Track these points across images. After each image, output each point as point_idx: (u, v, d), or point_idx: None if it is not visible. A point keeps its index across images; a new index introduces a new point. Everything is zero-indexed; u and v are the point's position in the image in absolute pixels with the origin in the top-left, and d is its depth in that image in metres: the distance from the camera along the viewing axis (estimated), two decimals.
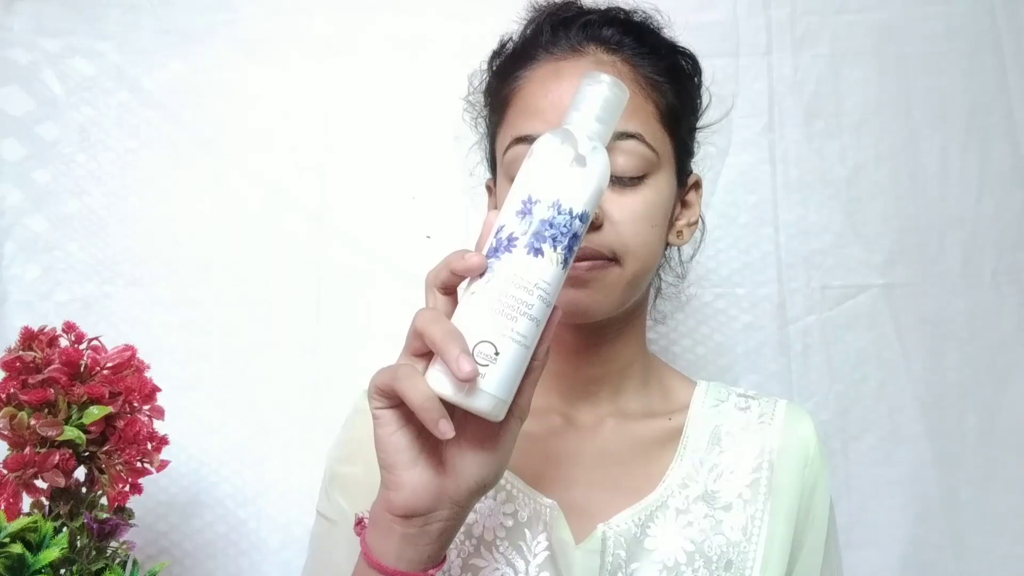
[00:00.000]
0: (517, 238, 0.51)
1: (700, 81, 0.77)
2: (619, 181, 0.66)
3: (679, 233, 0.75)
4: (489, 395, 0.50)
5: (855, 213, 1.03)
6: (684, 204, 0.75)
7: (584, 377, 0.75)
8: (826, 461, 0.75)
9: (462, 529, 0.68)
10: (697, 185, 0.77)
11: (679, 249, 0.84)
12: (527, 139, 0.67)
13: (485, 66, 0.78)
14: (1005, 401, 1.01)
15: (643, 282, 0.71)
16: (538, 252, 0.51)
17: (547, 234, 0.51)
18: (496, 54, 0.78)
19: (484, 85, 0.78)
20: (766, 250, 1.03)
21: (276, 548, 0.97)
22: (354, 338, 1.00)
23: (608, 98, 0.54)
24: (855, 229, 1.03)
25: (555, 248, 0.52)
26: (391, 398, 0.52)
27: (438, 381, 0.50)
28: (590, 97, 0.54)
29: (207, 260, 1.01)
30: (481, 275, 0.51)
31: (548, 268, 0.51)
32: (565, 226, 0.52)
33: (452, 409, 0.50)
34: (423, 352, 0.52)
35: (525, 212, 0.52)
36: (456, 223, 1.00)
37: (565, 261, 0.52)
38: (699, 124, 0.78)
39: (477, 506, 0.69)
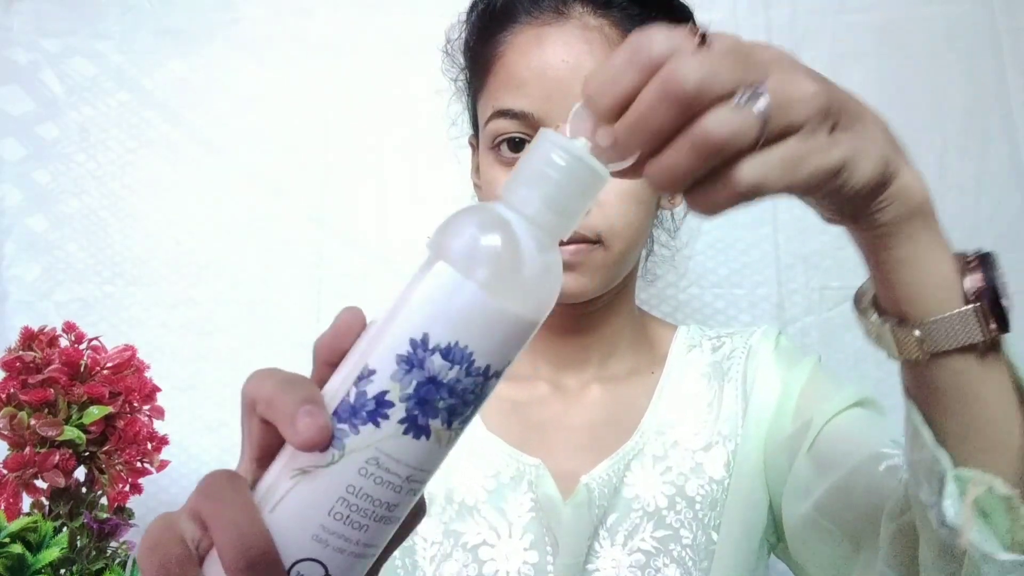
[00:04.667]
0: (392, 404, 0.32)
1: None
2: None
3: (671, 197, 0.72)
4: None
5: None
6: None
7: (573, 345, 0.73)
8: (781, 354, 0.72)
9: (443, 494, 0.67)
10: None
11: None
12: (508, 113, 0.65)
13: (464, 19, 0.75)
14: None
15: (630, 259, 0.69)
16: (421, 432, 0.32)
17: (441, 405, 0.32)
18: (474, 5, 0.74)
19: (462, 42, 0.75)
20: (765, 250, 1.03)
21: None
22: None
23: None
24: None
25: (448, 424, 0.33)
26: None
27: None
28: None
29: (207, 260, 1.01)
30: (322, 449, 0.32)
31: (433, 452, 0.33)
32: (472, 392, 0.33)
33: None
34: (209, 542, 0.33)
35: (412, 363, 0.32)
36: None
37: (459, 433, 0.34)
38: None
39: (459, 469, 0.68)
